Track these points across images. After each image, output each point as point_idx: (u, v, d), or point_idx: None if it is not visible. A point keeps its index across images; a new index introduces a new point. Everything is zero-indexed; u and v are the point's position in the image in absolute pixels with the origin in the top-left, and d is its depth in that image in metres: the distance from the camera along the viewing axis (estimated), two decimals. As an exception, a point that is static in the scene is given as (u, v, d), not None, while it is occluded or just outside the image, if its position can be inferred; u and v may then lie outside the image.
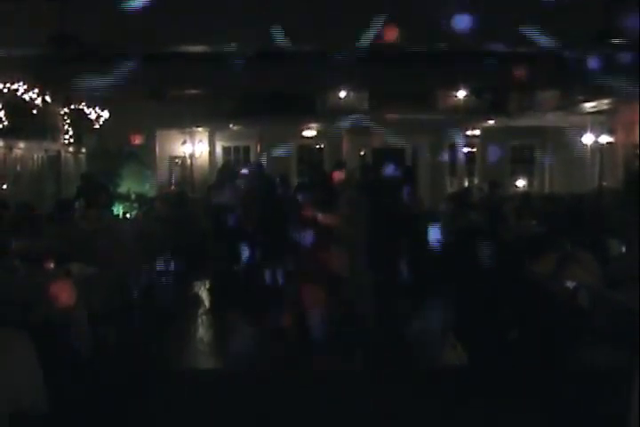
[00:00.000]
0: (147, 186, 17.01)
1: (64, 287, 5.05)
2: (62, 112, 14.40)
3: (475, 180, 20.03)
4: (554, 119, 17.87)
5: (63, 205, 8.67)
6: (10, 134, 11.53)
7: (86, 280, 5.87)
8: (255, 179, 9.99)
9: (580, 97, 15.65)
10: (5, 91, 11.18)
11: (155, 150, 18.80)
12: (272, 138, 19.61)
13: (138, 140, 17.60)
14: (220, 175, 10.65)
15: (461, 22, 8.78)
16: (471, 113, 18.12)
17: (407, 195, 8.69)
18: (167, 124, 17.81)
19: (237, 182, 10.14)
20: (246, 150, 20.35)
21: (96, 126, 15.35)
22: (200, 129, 18.97)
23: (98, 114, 15.26)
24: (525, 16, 8.81)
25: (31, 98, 11.82)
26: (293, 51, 9.96)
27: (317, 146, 20.68)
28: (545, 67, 12.14)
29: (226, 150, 20.25)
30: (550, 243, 5.98)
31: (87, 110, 14.93)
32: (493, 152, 19.60)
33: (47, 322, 4.52)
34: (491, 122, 18.74)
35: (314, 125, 19.55)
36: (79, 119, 14.75)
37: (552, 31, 9.15)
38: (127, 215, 11.25)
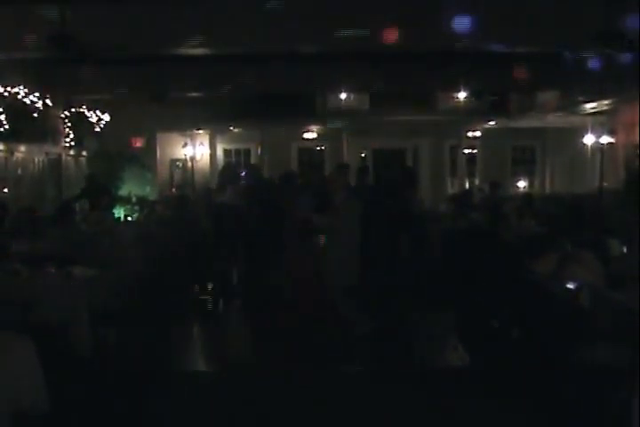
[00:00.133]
0: (148, 189, 17.01)
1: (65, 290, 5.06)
2: (63, 115, 14.41)
3: (475, 180, 20.02)
4: (554, 120, 17.88)
5: (64, 208, 8.68)
6: (11, 138, 11.53)
7: (87, 282, 5.88)
8: (251, 181, 10.02)
9: (581, 98, 15.66)
10: (6, 94, 11.20)
11: (155, 153, 18.82)
12: (273, 140, 19.64)
13: (139, 142, 17.64)
14: (222, 177, 10.69)
15: (461, 23, 8.80)
16: (472, 114, 18.12)
17: (407, 196, 8.68)
18: (168, 126, 17.83)
19: (238, 184, 10.18)
20: (247, 153, 20.38)
21: (97, 129, 15.37)
22: (201, 131, 18.98)
23: (98, 117, 15.28)
24: (525, 17, 8.83)
25: (32, 101, 11.83)
26: (294, 52, 9.98)
27: (318, 148, 20.68)
28: (545, 68, 12.15)
29: (227, 153, 20.28)
30: (551, 243, 5.99)
31: (88, 113, 14.94)
32: (494, 153, 19.58)
33: (48, 323, 4.52)
34: (491, 123, 18.73)
35: (314, 127, 19.55)
36: (80, 122, 14.76)
37: (552, 32, 9.17)
38: (128, 218, 11.25)
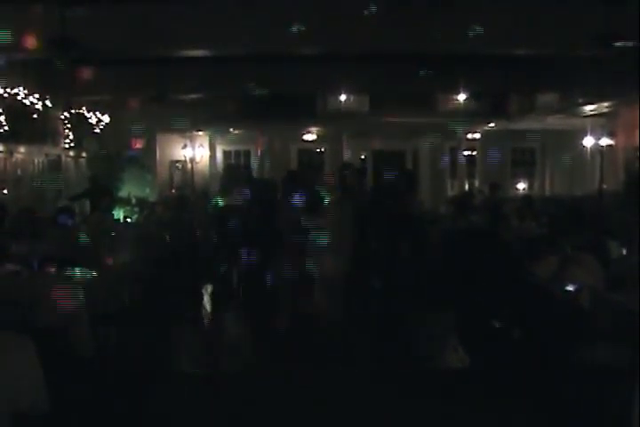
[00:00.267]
0: (147, 190, 17.01)
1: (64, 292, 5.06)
2: (62, 116, 14.41)
3: (475, 182, 20.02)
4: (554, 122, 17.89)
5: (65, 209, 8.67)
6: (10, 139, 11.54)
7: (87, 283, 5.87)
8: (247, 183, 10.05)
9: (581, 100, 15.67)
10: (6, 95, 11.20)
11: (155, 154, 18.84)
12: (272, 142, 19.65)
13: (138, 144, 17.64)
14: (225, 180, 10.72)
15: (462, 25, 8.82)
16: (472, 116, 18.15)
17: (407, 197, 8.68)
18: (167, 127, 17.84)
19: (241, 186, 10.20)
20: (247, 154, 20.38)
21: (96, 130, 15.36)
22: (200, 133, 18.99)
23: (98, 118, 15.28)
24: (525, 19, 8.85)
25: (31, 102, 11.84)
26: (294, 54, 9.99)
27: (318, 149, 20.68)
28: (545, 69, 12.17)
29: (226, 154, 20.28)
30: (551, 245, 5.98)
31: (87, 114, 14.94)
32: (494, 155, 19.62)
33: (48, 324, 4.52)
34: (491, 125, 18.75)
35: (314, 129, 19.56)
36: (79, 123, 14.75)
37: (552, 34, 9.18)
38: (128, 219, 11.24)
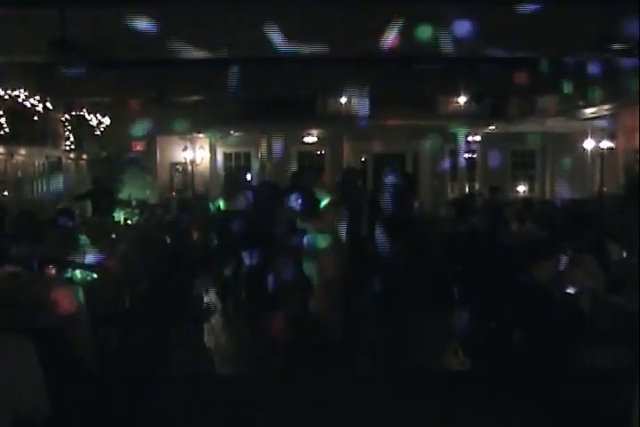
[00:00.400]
0: (148, 192, 17.02)
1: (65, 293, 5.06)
2: (63, 118, 14.43)
3: (475, 185, 20.02)
4: (554, 124, 17.90)
5: (65, 211, 8.68)
6: (11, 140, 11.54)
7: (87, 285, 5.87)
8: (248, 188, 10.09)
9: (581, 102, 15.69)
10: (6, 97, 11.21)
11: (155, 156, 18.86)
12: (273, 144, 19.64)
13: (139, 146, 17.67)
14: (228, 185, 10.77)
15: (462, 28, 8.82)
16: (472, 118, 18.16)
17: (406, 199, 8.66)
18: (168, 130, 17.86)
19: (245, 190, 10.24)
20: (247, 156, 20.38)
21: (97, 132, 15.38)
22: (201, 135, 19.00)
23: (99, 120, 15.30)
24: (526, 21, 8.85)
25: (32, 104, 11.85)
26: (294, 56, 9.99)
27: (318, 152, 20.68)
28: (545, 72, 12.17)
29: (227, 156, 20.28)
30: (551, 247, 5.98)
31: (88, 116, 14.97)
32: (494, 157, 19.64)
33: (49, 326, 4.52)
34: (491, 127, 18.76)
35: (314, 131, 19.56)
36: (80, 125, 14.78)
37: (552, 36, 9.19)
38: (128, 221, 11.24)
